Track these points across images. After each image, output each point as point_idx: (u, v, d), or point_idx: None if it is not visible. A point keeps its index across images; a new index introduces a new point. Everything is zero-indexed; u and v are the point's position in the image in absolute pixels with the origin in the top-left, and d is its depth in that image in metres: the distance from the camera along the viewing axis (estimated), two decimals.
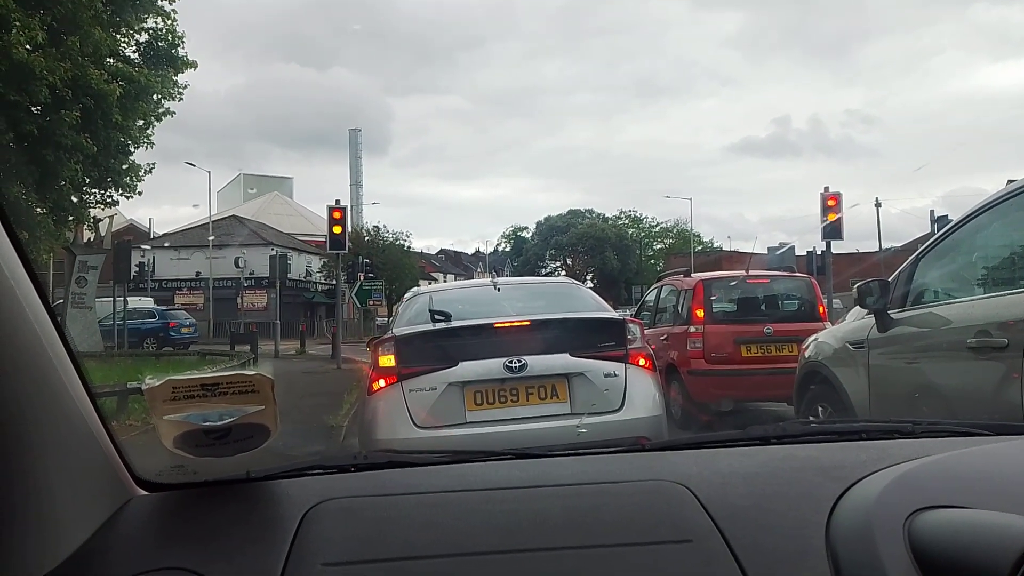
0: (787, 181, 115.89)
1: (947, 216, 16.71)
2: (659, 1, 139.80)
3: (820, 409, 4.73)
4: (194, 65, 16.86)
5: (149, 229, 55.78)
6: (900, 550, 0.92)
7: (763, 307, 8.66)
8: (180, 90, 16.87)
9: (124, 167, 16.08)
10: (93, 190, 16.35)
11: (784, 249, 20.48)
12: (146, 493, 1.18)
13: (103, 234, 19.54)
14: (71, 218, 16.10)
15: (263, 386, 1.11)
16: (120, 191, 16.40)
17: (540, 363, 4.17)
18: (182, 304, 46.21)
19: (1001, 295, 3.42)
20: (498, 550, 1.01)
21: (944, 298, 3.86)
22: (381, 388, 4.24)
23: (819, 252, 23.19)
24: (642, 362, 4.39)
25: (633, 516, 1.08)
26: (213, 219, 45.93)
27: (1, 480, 0.94)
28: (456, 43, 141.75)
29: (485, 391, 4.15)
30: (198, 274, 45.86)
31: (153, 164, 17.39)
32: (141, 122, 16.09)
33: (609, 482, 1.19)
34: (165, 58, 16.40)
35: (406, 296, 5.53)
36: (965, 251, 3.87)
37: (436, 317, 4.42)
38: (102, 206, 16.78)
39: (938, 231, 4.44)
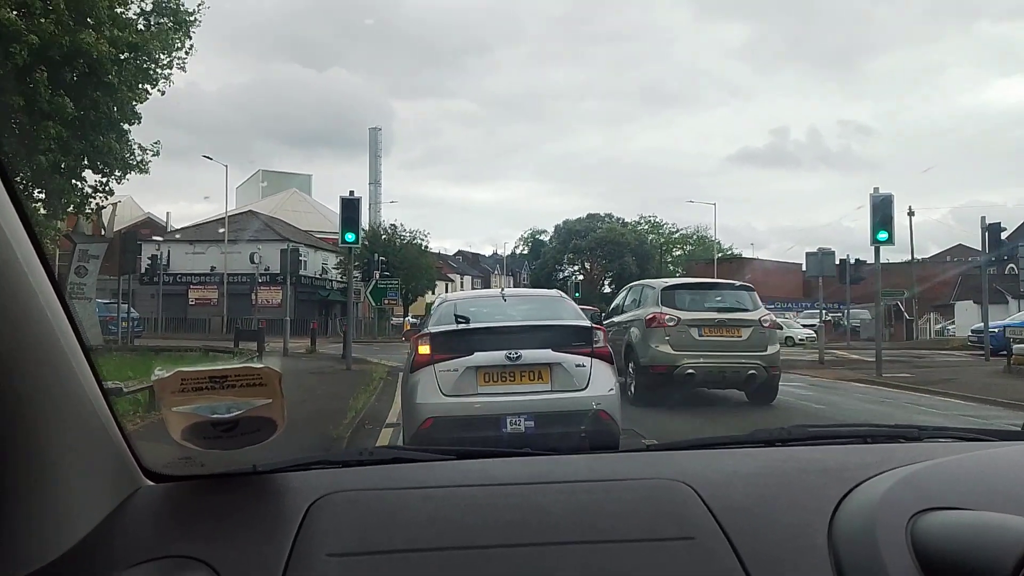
0: (793, 192, 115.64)
1: (999, 223, 15.59)
2: (662, 10, 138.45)
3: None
4: (195, 20, 15.88)
5: (166, 223, 55.51)
6: (902, 550, 0.92)
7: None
8: (184, 53, 15.87)
9: (122, 145, 15.13)
10: (94, 175, 15.37)
11: (823, 255, 19.52)
12: (153, 484, 1.17)
13: (105, 223, 18.75)
14: (65, 203, 15.14)
15: (271, 379, 1.11)
16: (117, 172, 15.43)
17: (531, 355, 5.63)
18: (196, 299, 45.88)
19: (627, 315, 11.36)
20: (502, 544, 1.00)
21: (621, 313, 11.83)
22: (419, 368, 5.64)
23: (852, 261, 22.89)
24: (603, 356, 5.86)
25: (636, 513, 1.08)
26: (229, 214, 45.44)
27: (12, 467, 0.95)
28: (463, 47, 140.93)
29: (491, 373, 5.60)
30: (213, 269, 45.34)
31: (158, 144, 16.43)
32: (144, 85, 15.11)
33: (613, 480, 1.20)
34: (170, 17, 15.52)
35: (436, 301, 7.29)
36: (624, 302, 12.24)
37: (459, 319, 5.87)
38: (100, 193, 15.74)
39: (989, 238, 6.41)
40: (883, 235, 13.70)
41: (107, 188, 15.67)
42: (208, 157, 57.70)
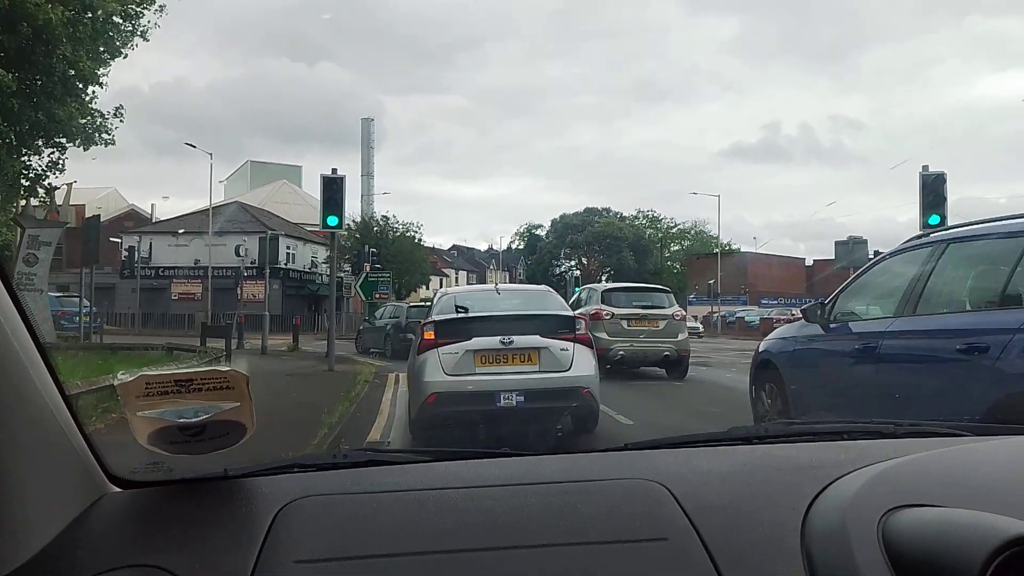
0: (786, 186, 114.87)
1: None
2: (655, 5, 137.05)
3: None
4: None
5: (151, 215, 53.57)
6: (873, 548, 0.92)
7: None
8: (148, 19, 14.27)
9: (78, 113, 13.43)
10: (47, 148, 13.67)
11: (854, 244, 18.12)
12: (119, 490, 1.14)
13: (59, 204, 16.89)
14: (12, 183, 13.40)
15: (238, 383, 1.08)
16: (76, 142, 13.72)
17: (522, 340, 6.47)
18: (179, 294, 44.04)
19: (580, 310, 11.73)
20: (476, 548, 1.00)
21: (578, 307, 12.22)
22: (425, 351, 6.45)
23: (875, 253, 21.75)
24: (584, 342, 6.68)
25: (609, 514, 1.07)
26: (215, 206, 43.61)
27: None
28: (455, 43, 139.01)
29: (487, 355, 6.46)
30: (197, 262, 43.50)
31: (121, 108, 14.81)
32: (103, 49, 13.48)
33: (587, 480, 1.19)
34: None
35: (438, 294, 8.06)
36: (580, 299, 14.75)
37: (459, 309, 6.77)
38: (54, 171, 14.06)
39: None
40: (935, 219, 12.06)
41: (61, 165, 14.01)
42: (191, 145, 55.26)
